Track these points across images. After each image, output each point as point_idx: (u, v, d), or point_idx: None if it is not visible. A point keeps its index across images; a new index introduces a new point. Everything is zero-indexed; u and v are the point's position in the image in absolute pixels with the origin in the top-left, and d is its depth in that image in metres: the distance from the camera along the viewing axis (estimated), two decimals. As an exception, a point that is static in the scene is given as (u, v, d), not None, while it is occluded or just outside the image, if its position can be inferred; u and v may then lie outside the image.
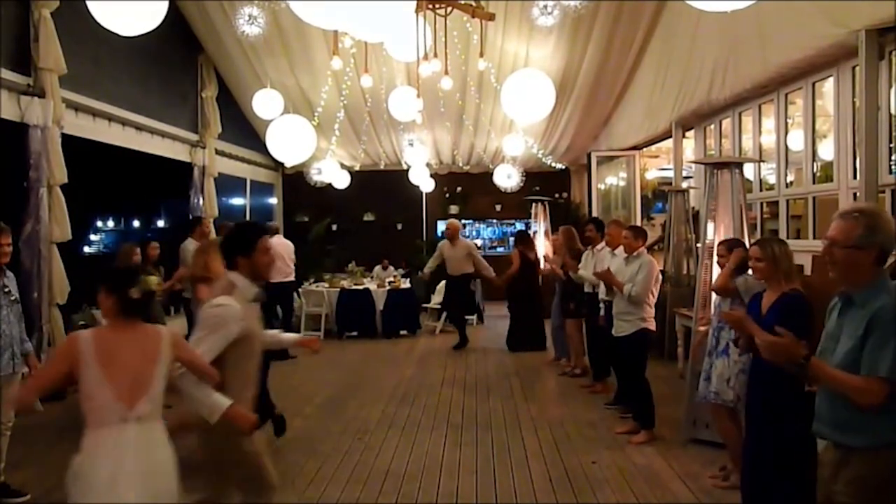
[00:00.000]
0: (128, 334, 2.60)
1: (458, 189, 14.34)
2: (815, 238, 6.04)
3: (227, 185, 11.74)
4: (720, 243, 4.73)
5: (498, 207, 14.32)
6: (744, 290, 4.23)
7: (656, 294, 5.53)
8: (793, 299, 3.27)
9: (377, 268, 12.14)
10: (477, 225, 14.65)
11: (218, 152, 10.49)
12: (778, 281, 3.37)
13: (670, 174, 9.85)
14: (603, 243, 6.45)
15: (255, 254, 2.90)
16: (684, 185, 8.85)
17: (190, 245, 7.21)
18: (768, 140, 6.99)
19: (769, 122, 6.90)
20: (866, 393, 2.13)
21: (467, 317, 10.33)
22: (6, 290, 4.14)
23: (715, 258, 4.90)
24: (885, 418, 2.15)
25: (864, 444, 2.19)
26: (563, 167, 13.73)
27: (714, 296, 4.73)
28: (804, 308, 3.24)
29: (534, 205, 11.59)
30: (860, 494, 2.19)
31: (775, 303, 3.31)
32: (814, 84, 6.04)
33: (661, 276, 5.70)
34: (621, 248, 5.76)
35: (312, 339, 3.73)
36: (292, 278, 9.02)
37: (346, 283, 10.69)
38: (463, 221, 14.34)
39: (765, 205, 7.16)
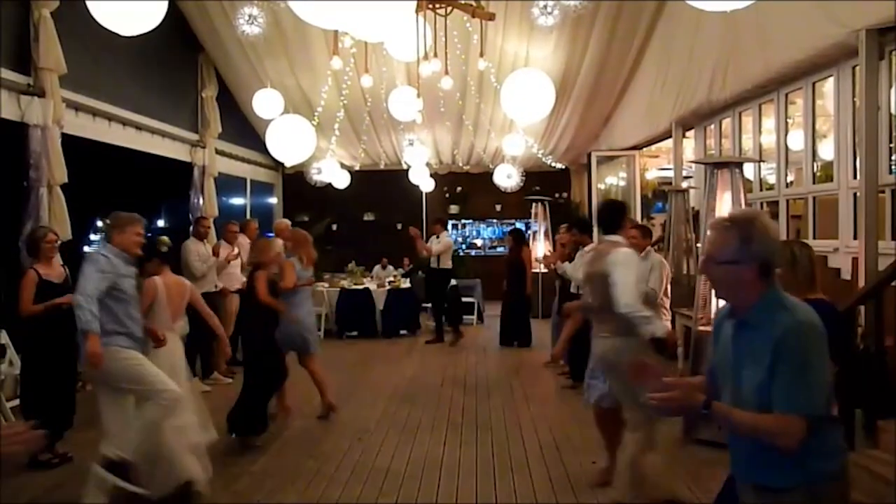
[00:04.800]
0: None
1: (458, 189, 14.35)
2: (815, 238, 6.05)
3: (228, 184, 11.73)
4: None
5: (498, 207, 14.32)
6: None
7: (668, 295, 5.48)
8: (821, 310, 2.89)
9: (377, 267, 12.14)
10: (477, 225, 14.65)
11: (218, 152, 10.49)
12: (796, 289, 2.96)
13: (670, 174, 9.85)
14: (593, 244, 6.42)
15: None
16: (684, 184, 8.85)
17: (191, 244, 7.22)
18: (768, 140, 7.00)
19: (769, 122, 6.90)
20: (785, 434, 1.86)
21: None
22: None
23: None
24: (804, 452, 1.90)
25: (788, 483, 1.95)
26: (563, 167, 13.73)
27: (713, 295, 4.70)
28: (833, 319, 2.85)
29: (534, 204, 11.61)
30: None
31: None
32: (814, 84, 6.04)
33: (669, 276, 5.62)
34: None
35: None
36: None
37: (345, 283, 10.69)
38: (463, 221, 14.42)
39: (765, 205, 7.16)
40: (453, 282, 10.86)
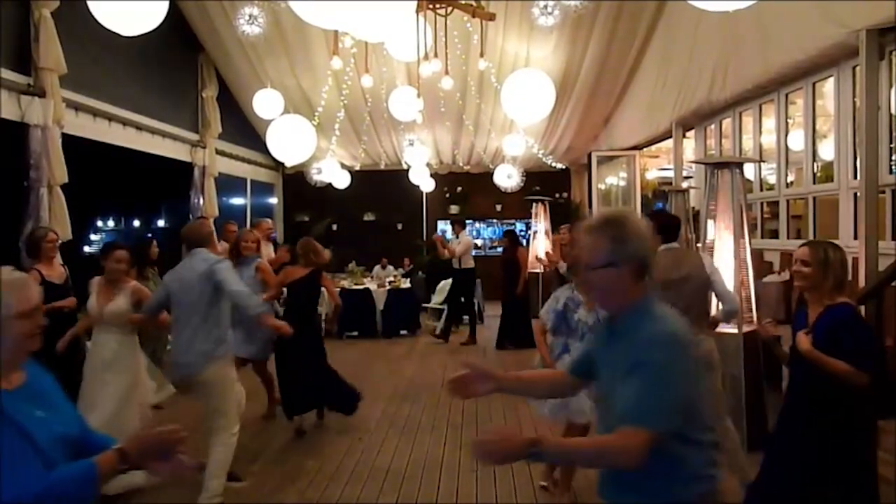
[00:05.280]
0: None
1: (459, 189, 14.35)
2: (815, 238, 6.05)
3: (228, 184, 11.74)
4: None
5: (498, 207, 14.32)
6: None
7: None
8: (841, 314, 2.89)
9: (377, 267, 12.15)
10: (477, 225, 14.65)
11: (218, 152, 10.49)
12: (823, 292, 2.95)
13: (670, 174, 9.86)
14: None
15: None
16: (684, 185, 8.84)
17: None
18: (768, 140, 7.00)
19: (769, 122, 6.91)
20: (624, 449, 1.67)
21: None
22: None
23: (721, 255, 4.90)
24: (665, 474, 1.76)
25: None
26: (564, 167, 13.73)
27: None
28: (855, 325, 2.90)
29: (534, 205, 11.58)
30: None
31: (821, 318, 2.92)
32: (814, 84, 6.04)
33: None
34: None
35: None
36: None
37: (346, 283, 10.70)
38: (463, 221, 14.42)
39: (765, 205, 7.16)
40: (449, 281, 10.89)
